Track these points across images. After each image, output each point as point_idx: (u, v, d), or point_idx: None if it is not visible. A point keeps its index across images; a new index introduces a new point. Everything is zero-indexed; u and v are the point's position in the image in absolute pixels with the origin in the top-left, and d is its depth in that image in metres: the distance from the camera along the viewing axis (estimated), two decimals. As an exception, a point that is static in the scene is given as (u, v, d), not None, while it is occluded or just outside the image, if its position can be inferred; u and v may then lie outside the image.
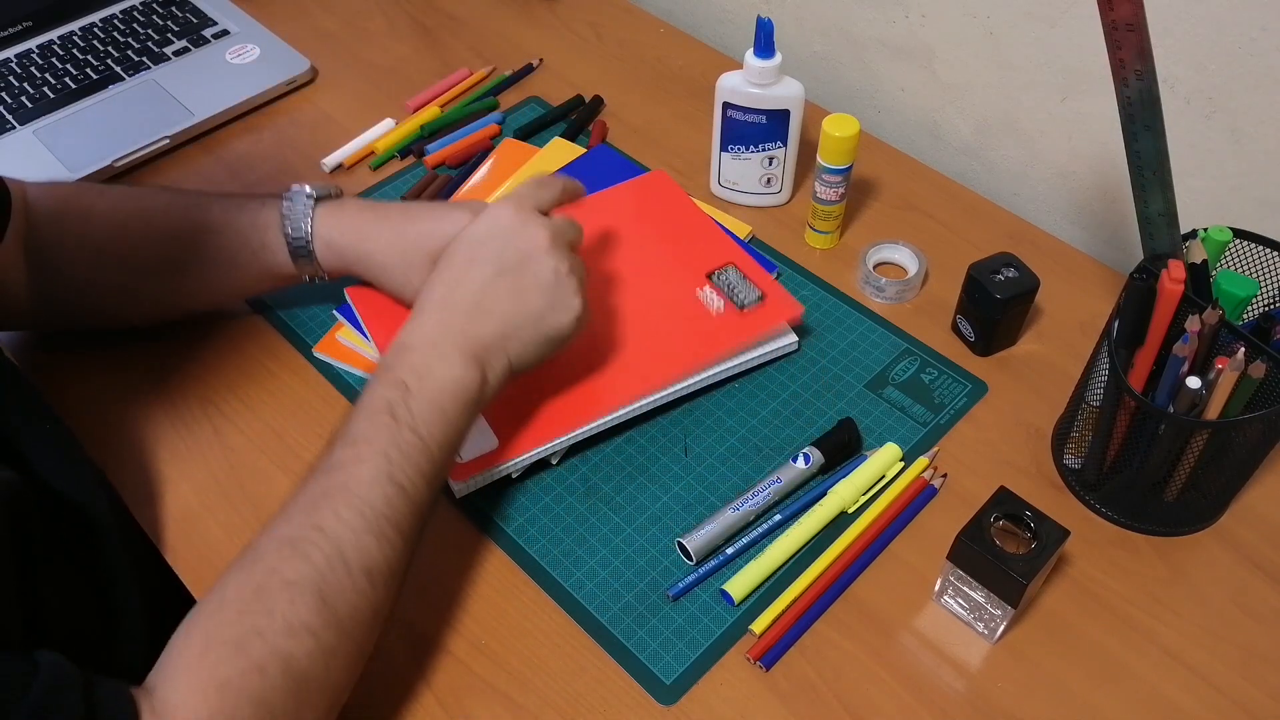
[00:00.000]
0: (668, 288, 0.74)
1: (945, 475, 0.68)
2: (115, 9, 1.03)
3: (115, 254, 0.70)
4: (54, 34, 1.00)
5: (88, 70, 0.97)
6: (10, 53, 0.98)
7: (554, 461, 0.68)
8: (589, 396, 0.68)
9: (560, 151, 0.89)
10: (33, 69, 0.97)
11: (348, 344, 0.75)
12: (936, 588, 0.61)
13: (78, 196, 0.71)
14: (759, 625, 0.60)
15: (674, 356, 0.70)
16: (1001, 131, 0.88)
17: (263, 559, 0.52)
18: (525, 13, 1.06)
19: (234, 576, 0.51)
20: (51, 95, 0.94)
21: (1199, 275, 0.61)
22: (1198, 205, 0.77)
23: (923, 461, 0.68)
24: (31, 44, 0.99)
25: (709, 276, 0.75)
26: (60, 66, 0.97)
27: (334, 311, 0.76)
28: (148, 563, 0.66)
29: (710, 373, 0.71)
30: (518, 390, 0.66)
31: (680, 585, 0.62)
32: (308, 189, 0.70)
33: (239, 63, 0.98)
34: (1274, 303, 0.63)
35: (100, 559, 0.63)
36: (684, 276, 0.75)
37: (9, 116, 0.92)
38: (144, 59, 0.98)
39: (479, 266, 0.62)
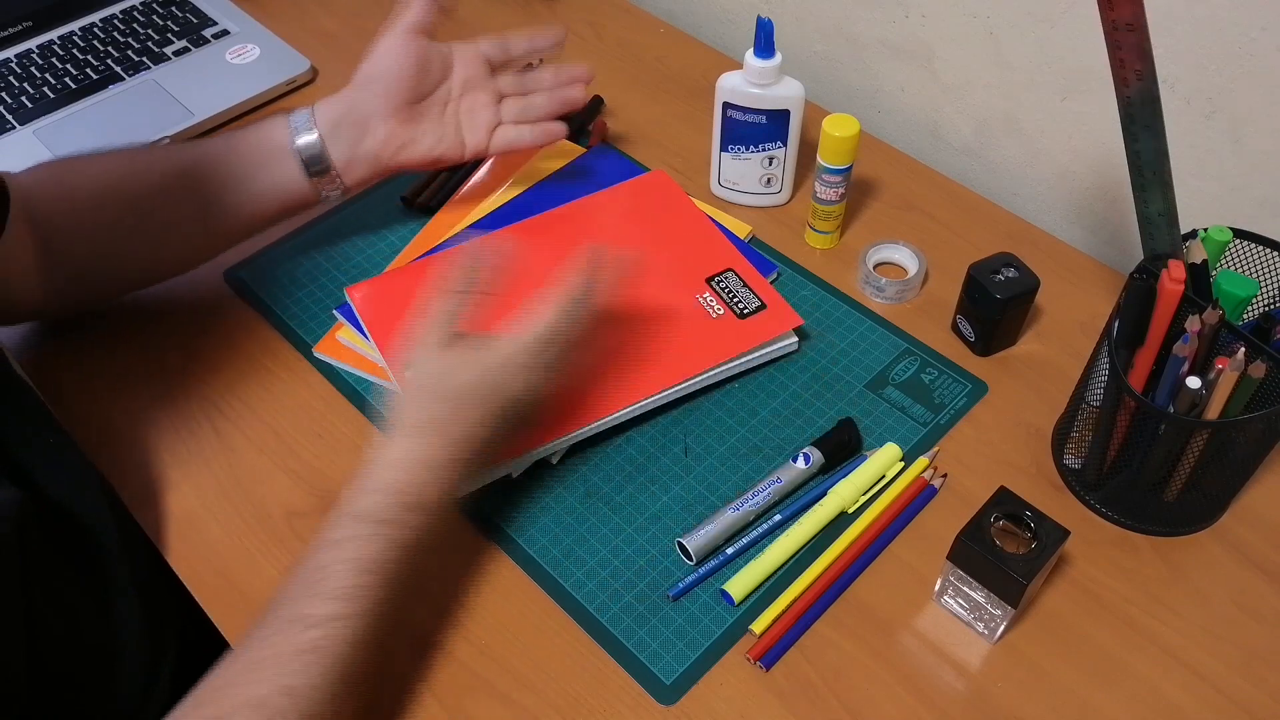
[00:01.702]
0: (667, 291, 0.74)
1: (945, 475, 0.68)
2: (115, 9, 1.03)
3: (116, 214, 0.70)
4: (54, 34, 1.00)
5: (88, 70, 0.97)
6: (10, 53, 0.98)
7: (554, 461, 0.68)
8: (590, 397, 0.68)
9: (560, 151, 0.89)
10: (33, 69, 0.97)
11: (348, 344, 0.75)
12: (936, 588, 0.61)
13: (66, 169, 0.70)
14: (759, 625, 0.60)
15: (674, 360, 0.70)
16: (1001, 131, 0.88)
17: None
18: (525, 13, 1.06)
19: None
20: (51, 95, 0.94)
21: (1199, 275, 0.61)
22: (1198, 205, 0.77)
23: (923, 461, 0.68)
24: (31, 44, 0.99)
25: (709, 281, 0.75)
26: (60, 66, 0.97)
27: (334, 311, 0.76)
28: (150, 576, 0.65)
29: (710, 374, 0.71)
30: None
31: (680, 585, 0.62)
32: (307, 111, 0.73)
33: (239, 63, 0.98)
34: (1274, 303, 0.63)
35: (103, 575, 0.63)
36: (684, 280, 0.75)
37: (9, 116, 0.92)
38: (144, 59, 0.98)
39: (491, 420, 0.60)
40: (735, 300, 0.74)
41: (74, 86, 0.95)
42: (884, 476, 0.66)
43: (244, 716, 0.48)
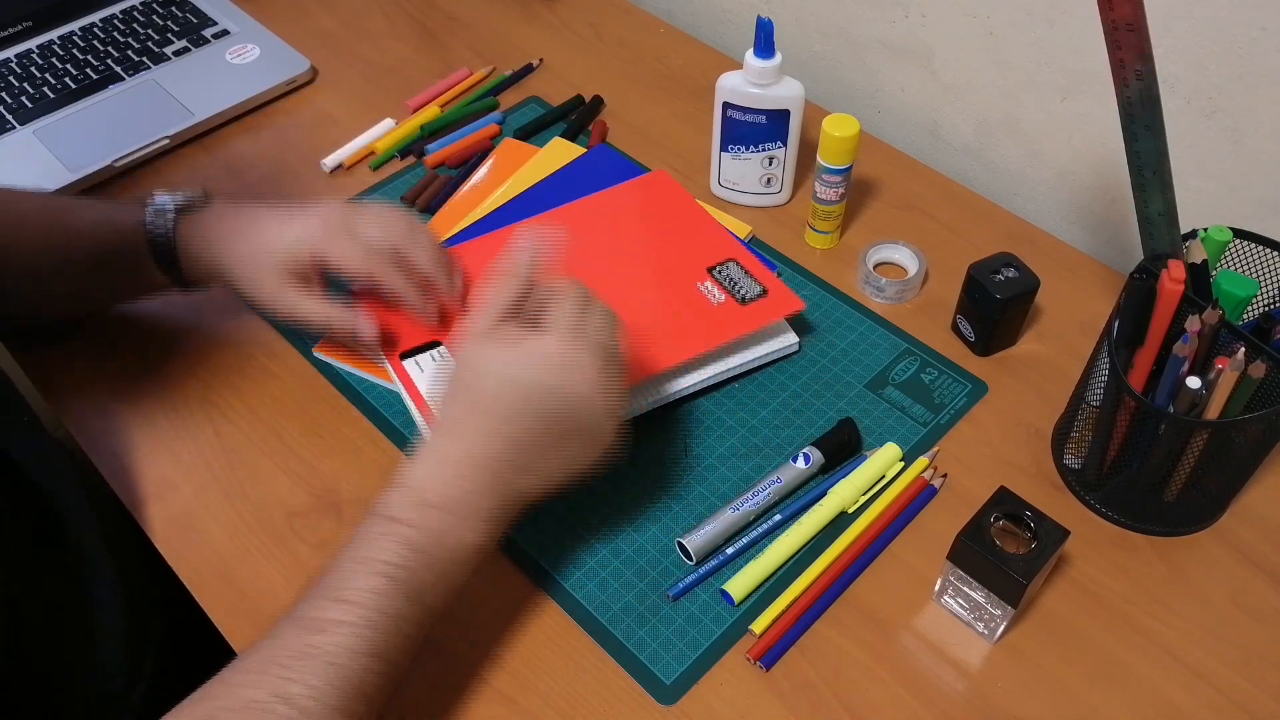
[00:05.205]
0: (669, 280, 0.74)
1: (945, 475, 0.68)
2: (115, 9, 1.03)
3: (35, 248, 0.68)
4: (54, 34, 1.00)
5: (88, 70, 0.97)
6: (10, 53, 0.98)
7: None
8: None
9: (560, 151, 0.89)
10: (33, 69, 0.97)
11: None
12: (936, 588, 0.61)
13: None
14: (759, 625, 0.60)
15: (675, 342, 0.69)
16: (1001, 131, 0.88)
17: None
18: (525, 13, 1.06)
19: None
20: (51, 95, 0.94)
21: (1199, 275, 0.61)
22: (1198, 205, 0.77)
23: (923, 461, 0.68)
24: (31, 44, 0.99)
25: (710, 271, 0.75)
26: (60, 66, 0.97)
27: (334, 311, 0.76)
28: (131, 560, 0.65)
29: (711, 372, 0.71)
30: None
31: (680, 585, 0.62)
32: (170, 200, 0.69)
33: (239, 63, 0.98)
34: (1274, 303, 0.63)
35: (79, 558, 0.63)
36: (685, 270, 0.75)
37: (9, 116, 0.92)
38: (144, 59, 0.98)
39: (526, 418, 0.55)
40: (736, 287, 0.73)
41: (74, 86, 0.95)
42: (884, 476, 0.66)
43: (234, 718, 0.46)
